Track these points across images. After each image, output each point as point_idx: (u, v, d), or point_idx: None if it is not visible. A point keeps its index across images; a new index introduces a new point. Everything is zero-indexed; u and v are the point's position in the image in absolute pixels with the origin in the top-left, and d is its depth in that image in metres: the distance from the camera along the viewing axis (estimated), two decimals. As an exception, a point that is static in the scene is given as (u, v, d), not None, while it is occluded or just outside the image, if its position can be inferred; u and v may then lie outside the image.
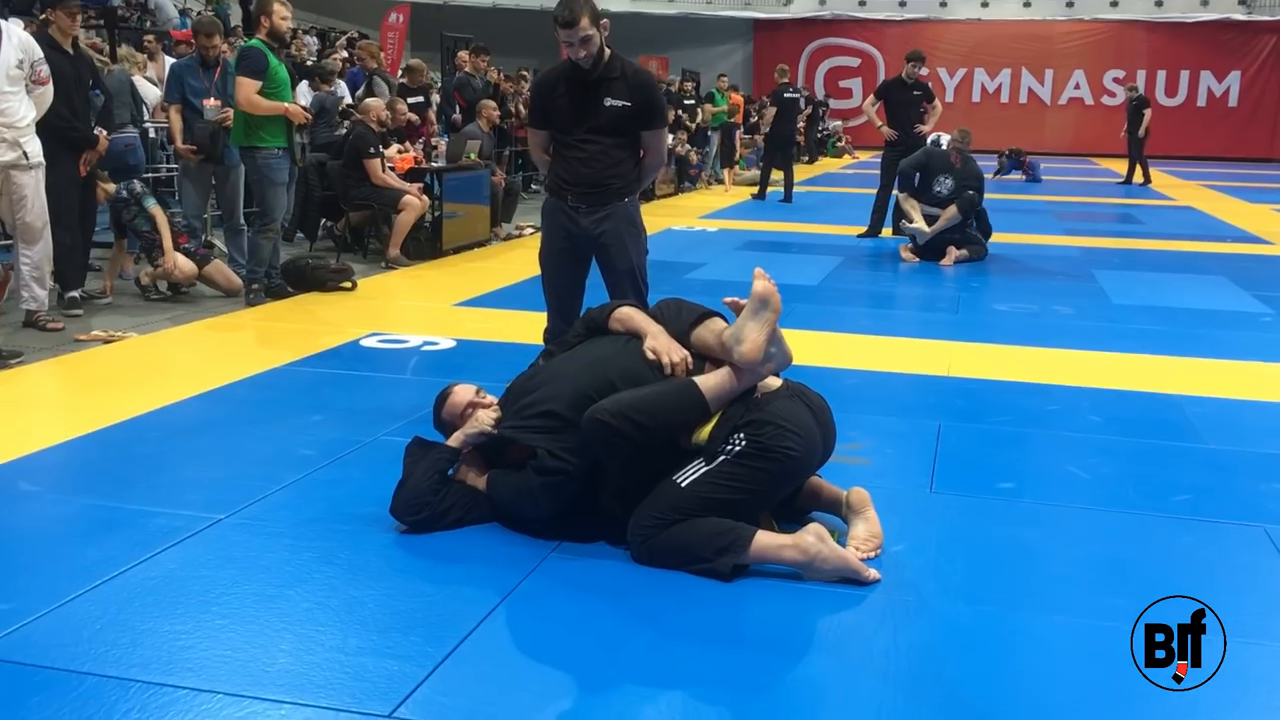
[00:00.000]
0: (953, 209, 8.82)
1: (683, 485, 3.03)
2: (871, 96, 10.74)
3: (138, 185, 6.83)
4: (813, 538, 2.97)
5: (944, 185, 8.95)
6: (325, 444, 4.05)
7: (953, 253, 8.85)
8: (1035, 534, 3.36)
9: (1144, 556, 3.21)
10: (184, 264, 6.70)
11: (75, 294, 6.37)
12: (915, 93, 10.26)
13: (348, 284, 7.22)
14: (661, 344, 3.26)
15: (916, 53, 10.42)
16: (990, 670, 2.55)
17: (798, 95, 15.32)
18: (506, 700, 2.39)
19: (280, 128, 6.58)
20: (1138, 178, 17.92)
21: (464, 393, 3.48)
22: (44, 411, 4.64)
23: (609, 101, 4.12)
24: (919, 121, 10.20)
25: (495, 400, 3.48)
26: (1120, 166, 20.60)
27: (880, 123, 10.33)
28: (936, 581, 3.00)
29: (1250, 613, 2.83)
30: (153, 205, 6.70)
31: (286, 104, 6.55)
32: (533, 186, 13.88)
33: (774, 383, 3.22)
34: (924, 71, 10.26)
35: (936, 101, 10.40)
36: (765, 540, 2.98)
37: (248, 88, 6.42)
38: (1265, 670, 2.57)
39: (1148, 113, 17.31)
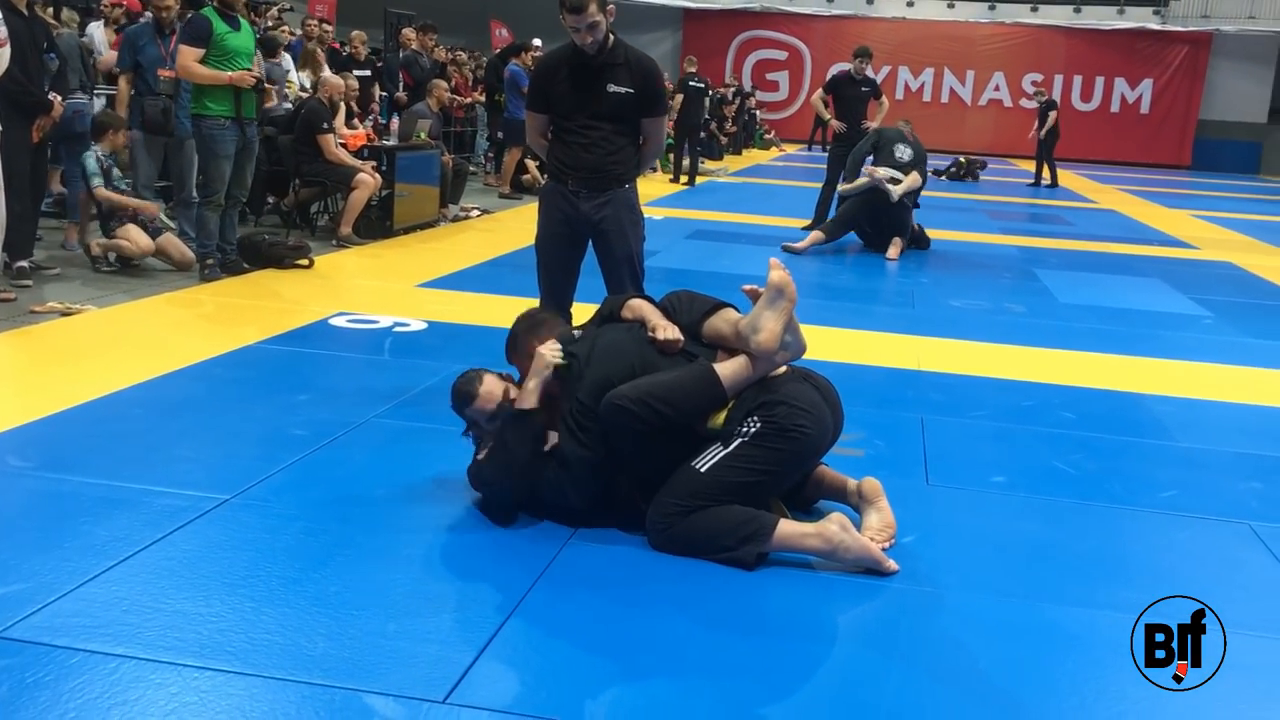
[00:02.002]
0: (915, 175, 9.12)
1: (702, 470, 3.06)
2: (820, 90, 10.84)
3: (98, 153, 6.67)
4: (836, 527, 3.01)
5: (904, 152, 9.25)
6: (317, 425, 3.98)
7: (897, 244, 9.06)
8: (1036, 527, 3.45)
9: (1144, 551, 3.33)
10: (140, 238, 6.52)
11: (24, 264, 6.14)
12: (864, 88, 10.37)
13: (304, 261, 7.08)
14: (659, 323, 3.33)
15: (863, 48, 10.51)
16: (1023, 662, 2.61)
17: (703, 85, 15.68)
18: (554, 688, 2.39)
19: (227, 96, 6.34)
20: (1045, 179, 18.36)
21: (496, 386, 3.31)
22: (14, 384, 4.47)
23: (612, 88, 4.10)
24: (866, 117, 10.32)
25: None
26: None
27: (829, 116, 10.44)
28: (952, 573, 3.07)
29: (1252, 607, 2.96)
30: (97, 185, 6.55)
31: (229, 72, 6.30)
32: (471, 170, 13.74)
33: (780, 370, 3.26)
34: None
35: (884, 99, 10.53)
36: (788, 529, 3.02)
37: (185, 55, 6.28)
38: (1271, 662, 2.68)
39: (1052, 114, 17.72)
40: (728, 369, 3.18)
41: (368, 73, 10.32)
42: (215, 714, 2.20)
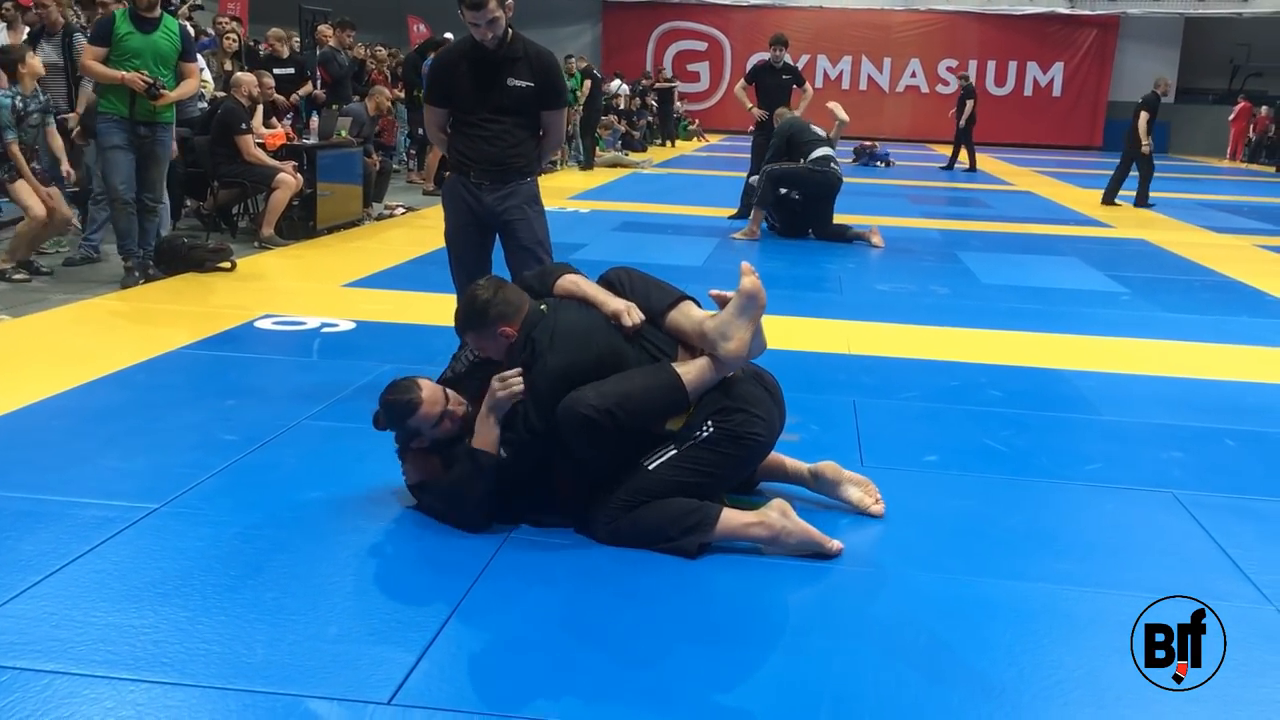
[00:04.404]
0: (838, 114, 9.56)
1: (650, 469, 3.06)
2: (743, 80, 10.89)
3: None
4: (777, 514, 3.03)
5: (819, 131, 9.43)
6: (247, 428, 3.91)
7: (877, 231, 9.22)
8: (970, 504, 3.50)
9: (1075, 523, 3.39)
10: (32, 200, 6.48)
11: (-68, 274, 5.97)
12: (784, 76, 10.43)
13: (226, 264, 6.95)
14: (619, 307, 3.21)
15: (778, 36, 10.56)
16: (963, 636, 2.65)
17: (599, 78, 17.33)
18: (500, 685, 2.38)
19: (121, 95, 6.31)
20: (963, 161, 18.64)
21: (435, 391, 3.20)
22: (-76, 399, 4.34)
23: (512, 81, 4.12)
24: (789, 105, 10.38)
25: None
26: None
27: (750, 104, 10.49)
28: (891, 553, 3.11)
29: (1180, 572, 3.04)
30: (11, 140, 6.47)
31: (122, 73, 6.23)
32: (395, 168, 13.59)
33: (733, 367, 3.26)
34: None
35: (808, 86, 10.59)
36: (731, 519, 3.04)
37: (85, 54, 6.43)
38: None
39: (969, 103, 18.01)
40: (691, 374, 3.11)
41: (290, 70, 10.13)
42: (154, 727, 2.16)
